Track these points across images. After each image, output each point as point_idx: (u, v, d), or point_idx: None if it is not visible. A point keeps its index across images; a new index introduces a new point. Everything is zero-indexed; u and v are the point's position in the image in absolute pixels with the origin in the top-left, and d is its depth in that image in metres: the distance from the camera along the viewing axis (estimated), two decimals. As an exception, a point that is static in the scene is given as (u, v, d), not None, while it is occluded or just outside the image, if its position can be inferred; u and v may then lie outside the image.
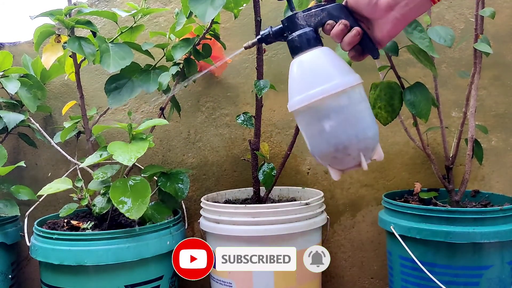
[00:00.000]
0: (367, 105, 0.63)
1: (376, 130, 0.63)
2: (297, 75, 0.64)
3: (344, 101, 0.60)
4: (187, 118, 1.33)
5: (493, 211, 0.90)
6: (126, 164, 0.86)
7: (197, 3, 0.88)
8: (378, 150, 0.64)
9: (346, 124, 0.61)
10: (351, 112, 0.61)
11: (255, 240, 0.95)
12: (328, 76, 0.61)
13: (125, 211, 0.90)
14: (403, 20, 0.60)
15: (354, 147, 0.61)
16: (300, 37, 0.63)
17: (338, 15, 0.63)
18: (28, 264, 1.41)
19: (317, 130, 0.62)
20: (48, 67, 1.05)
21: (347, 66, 0.63)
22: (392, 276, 1.05)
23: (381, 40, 0.63)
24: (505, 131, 1.20)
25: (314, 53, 0.63)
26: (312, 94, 0.61)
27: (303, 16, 0.64)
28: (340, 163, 0.63)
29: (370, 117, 0.63)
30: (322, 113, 0.61)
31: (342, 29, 0.62)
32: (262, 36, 0.68)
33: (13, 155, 1.39)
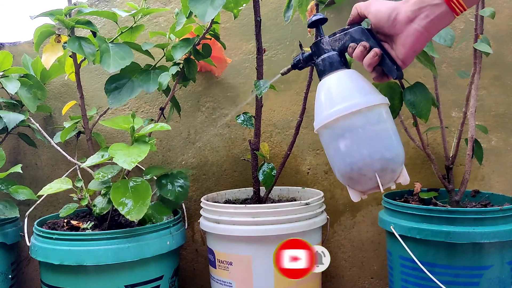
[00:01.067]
0: (389, 125, 0.62)
1: (398, 152, 0.62)
2: (319, 97, 0.66)
3: (360, 121, 0.61)
4: (187, 118, 1.33)
5: (493, 211, 0.90)
6: (126, 168, 0.86)
7: (197, 3, 0.88)
8: (403, 173, 0.64)
9: (360, 144, 0.61)
10: (367, 132, 0.61)
11: (255, 240, 0.95)
12: (345, 97, 0.62)
13: (126, 213, 0.90)
14: (425, 32, 0.59)
15: (369, 167, 0.61)
16: (324, 60, 0.66)
17: (359, 38, 0.64)
18: (28, 264, 1.41)
19: (333, 149, 0.63)
20: (48, 67, 1.05)
21: (371, 87, 0.64)
22: (392, 276, 1.05)
23: (405, 56, 0.62)
24: (505, 131, 1.20)
25: (336, 75, 0.65)
26: (328, 115, 0.62)
27: (328, 41, 0.67)
28: (358, 183, 0.63)
29: (390, 138, 0.62)
30: (337, 132, 0.62)
31: (361, 50, 0.63)
32: (294, 62, 0.73)
33: (13, 155, 1.39)
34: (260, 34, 1.05)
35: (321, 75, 0.67)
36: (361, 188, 0.64)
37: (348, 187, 0.66)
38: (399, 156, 0.62)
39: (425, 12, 0.58)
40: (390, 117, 0.64)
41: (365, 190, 0.64)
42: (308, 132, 1.28)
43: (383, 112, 0.63)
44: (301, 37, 1.25)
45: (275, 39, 1.28)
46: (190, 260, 1.35)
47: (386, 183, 0.62)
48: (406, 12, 0.59)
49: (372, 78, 0.66)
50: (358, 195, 0.65)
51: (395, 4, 0.61)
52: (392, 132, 0.63)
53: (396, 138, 0.63)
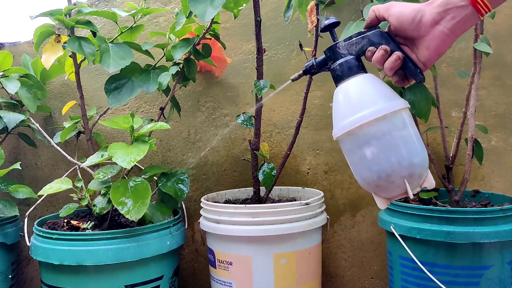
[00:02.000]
0: (413, 130, 0.61)
1: (424, 157, 0.61)
2: (338, 103, 0.64)
3: (386, 127, 0.59)
4: (187, 118, 1.33)
5: (493, 211, 0.90)
6: (124, 167, 0.86)
7: (197, 3, 0.88)
8: (429, 177, 0.62)
9: (388, 150, 0.59)
10: (394, 138, 0.59)
11: (255, 240, 0.95)
12: (368, 102, 0.60)
13: (125, 213, 0.90)
14: (450, 34, 0.58)
15: (398, 174, 0.59)
16: (341, 65, 0.64)
17: (379, 41, 0.62)
18: (28, 264, 1.41)
19: (358, 157, 0.61)
20: (48, 67, 1.05)
21: (391, 91, 0.62)
22: (392, 276, 1.05)
23: (428, 59, 0.61)
24: (505, 131, 1.20)
25: (355, 80, 0.63)
26: (351, 121, 0.60)
27: (345, 45, 0.64)
28: (385, 191, 0.62)
29: (416, 143, 0.60)
30: (362, 139, 0.60)
31: (382, 54, 0.61)
32: (307, 67, 0.69)
33: (13, 155, 1.39)
34: (260, 34, 1.05)
35: (338, 80, 0.64)
36: (387, 195, 0.63)
37: (374, 194, 0.64)
38: (425, 160, 0.61)
39: (451, 14, 0.57)
40: (413, 121, 0.62)
41: (392, 196, 0.63)
42: (308, 132, 1.28)
43: (407, 116, 0.61)
44: (301, 37, 1.25)
45: (275, 39, 1.28)
46: (190, 260, 1.35)
47: (413, 188, 0.61)
48: (431, 14, 0.58)
49: (393, 82, 0.64)
50: (385, 202, 0.64)
51: (419, 6, 0.59)
52: (416, 137, 0.61)
53: (420, 142, 0.61)
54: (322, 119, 1.27)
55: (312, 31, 1.00)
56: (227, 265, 0.98)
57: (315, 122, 1.28)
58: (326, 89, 1.26)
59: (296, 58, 1.27)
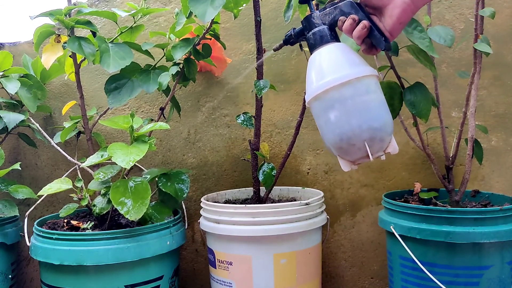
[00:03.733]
0: (377, 96, 0.64)
1: (385, 121, 0.63)
2: (309, 70, 0.67)
3: (348, 92, 0.62)
4: (187, 118, 1.33)
5: (493, 211, 0.90)
6: (124, 166, 0.86)
7: (197, 3, 0.88)
8: (392, 143, 0.65)
9: (349, 114, 0.62)
10: (356, 103, 0.62)
11: (255, 240, 0.95)
12: (335, 69, 0.64)
13: (125, 213, 0.90)
14: (411, 4, 0.61)
15: (358, 137, 0.62)
16: (315, 34, 0.68)
17: (349, 11, 0.66)
18: (28, 264, 1.41)
19: (323, 121, 0.65)
20: (48, 67, 1.05)
21: (360, 59, 0.65)
22: (392, 276, 1.05)
23: (392, 28, 0.64)
24: (505, 131, 1.20)
25: (326, 48, 0.66)
26: (318, 86, 0.64)
27: (319, 15, 0.68)
28: (347, 153, 0.65)
29: (379, 108, 0.63)
30: (327, 104, 0.64)
31: (350, 23, 0.64)
32: (286, 37, 0.74)
33: (13, 155, 1.39)
34: (260, 34, 1.05)
35: (312, 48, 0.68)
36: (351, 158, 0.65)
37: (338, 157, 0.67)
38: (387, 125, 0.63)
39: None
40: (379, 89, 0.65)
41: (354, 159, 0.65)
42: (308, 132, 1.28)
43: (372, 83, 0.64)
44: (301, 37, 1.25)
45: (275, 39, 1.28)
46: (190, 260, 1.35)
47: (375, 152, 0.63)
48: None
49: (361, 50, 0.67)
50: (348, 165, 0.66)
51: None
52: (380, 103, 0.64)
53: (384, 108, 0.64)
54: (322, 119, 1.27)
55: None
56: (227, 265, 0.98)
57: (315, 122, 1.27)
58: (326, 89, 1.26)
59: (296, 58, 1.27)
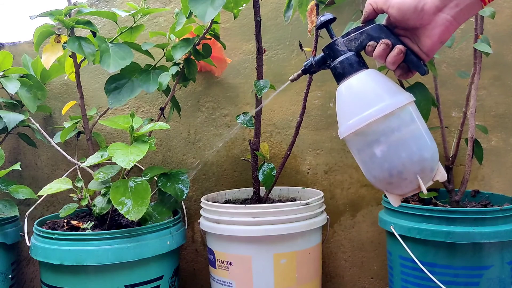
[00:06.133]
0: (421, 123, 0.60)
1: (434, 150, 0.60)
2: (342, 101, 0.62)
3: (394, 123, 0.58)
4: (187, 118, 1.33)
5: (493, 211, 0.90)
6: (124, 167, 0.86)
7: (197, 3, 0.88)
8: (440, 170, 0.61)
9: (398, 147, 0.58)
10: (403, 134, 0.58)
11: (255, 240, 0.95)
12: (373, 99, 0.59)
13: (125, 213, 0.90)
14: (454, 22, 0.57)
15: (410, 170, 0.58)
16: (342, 63, 0.62)
17: (378, 35, 0.61)
18: (28, 264, 1.41)
19: (368, 156, 0.60)
20: (48, 67, 1.05)
21: (395, 86, 0.61)
22: (392, 276, 1.05)
23: (431, 48, 0.60)
24: (505, 131, 1.20)
25: (358, 77, 0.62)
26: (358, 120, 0.59)
27: (343, 42, 0.63)
28: (397, 187, 0.61)
29: (425, 136, 0.60)
30: (371, 138, 0.59)
31: (384, 49, 0.60)
32: (306, 67, 0.68)
33: (13, 155, 1.39)
34: (260, 34, 1.05)
35: (340, 78, 0.63)
36: (400, 192, 0.62)
37: (386, 192, 0.63)
38: (436, 153, 0.60)
39: (454, 1, 0.56)
40: (419, 114, 0.61)
41: (405, 193, 0.62)
42: (308, 132, 1.28)
43: (413, 110, 0.60)
44: (301, 37, 1.25)
45: (275, 39, 1.28)
46: (190, 260, 1.35)
47: (426, 182, 0.60)
48: (433, 1, 0.57)
49: (396, 76, 0.63)
50: (398, 199, 0.63)
51: None
52: (425, 130, 0.60)
53: (429, 135, 0.60)
54: (322, 119, 1.27)
55: (312, 31, 1.00)
56: (227, 265, 0.98)
57: (315, 122, 1.28)
58: (326, 89, 1.26)
59: (296, 59, 1.27)
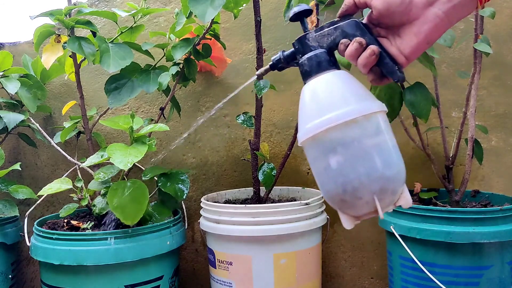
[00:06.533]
0: (389, 137, 0.52)
1: (399, 170, 0.51)
2: (304, 103, 0.55)
3: (355, 133, 0.50)
4: (187, 118, 1.33)
5: (493, 211, 0.90)
6: (122, 168, 0.86)
7: (197, 3, 0.88)
8: (405, 194, 0.53)
9: (356, 160, 0.50)
10: (364, 146, 0.50)
11: (255, 240, 0.95)
12: (336, 103, 0.52)
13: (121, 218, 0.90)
14: (445, 19, 0.50)
15: (366, 189, 0.50)
16: (310, 60, 0.56)
17: (353, 33, 0.54)
18: (28, 264, 1.41)
19: (322, 166, 0.53)
20: (48, 67, 1.05)
21: (366, 92, 0.54)
22: (392, 276, 1.05)
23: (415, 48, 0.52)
24: (505, 131, 1.20)
25: (325, 77, 0.55)
26: (316, 125, 0.52)
27: (315, 37, 0.57)
28: (351, 207, 0.53)
29: (391, 153, 0.51)
30: (328, 146, 0.51)
31: (356, 48, 0.53)
32: (273, 61, 0.61)
33: (13, 155, 1.39)
34: (260, 34, 1.05)
35: (306, 77, 0.56)
36: (355, 213, 0.53)
37: (339, 211, 0.55)
38: (401, 173, 0.52)
39: None
40: (389, 127, 0.54)
41: (360, 215, 0.54)
42: (308, 132, 1.28)
43: (382, 121, 0.52)
44: (301, 37, 1.25)
45: (275, 39, 1.28)
46: (190, 260, 1.35)
47: (385, 206, 0.52)
48: None
49: (368, 80, 0.56)
50: (351, 221, 0.55)
51: None
52: (392, 145, 0.52)
53: (396, 152, 0.52)
54: (322, 119, 1.27)
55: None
56: (227, 265, 0.98)
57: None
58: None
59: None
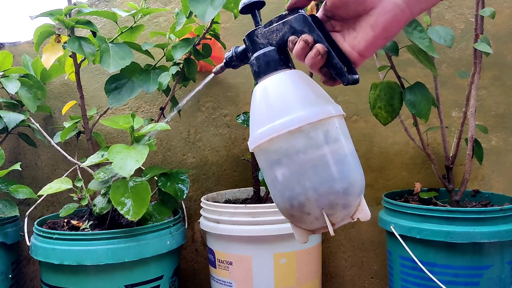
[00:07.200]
0: (340, 146, 0.46)
1: (351, 182, 0.46)
2: (252, 107, 0.50)
3: (300, 143, 0.45)
4: (187, 118, 1.33)
5: (493, 211, 0.90)
6: (124, 175, 0.85)
7: (197, 3, 0.88)
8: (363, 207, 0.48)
9: (302, 173, 0.45)
10: (311, 158, 0.45)
11: (255, 240, 0.95)
12: (282, 110, 0.46)
13: (125, 213, 0.90)
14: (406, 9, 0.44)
15: (313, 204, 0.45)
16: (258, 59, 0.50)
17: (301, 29, 0.48)
18: (28, 264, 1.41)
19: (270, 178, 0.48)
20: (48, 67, 1.05)
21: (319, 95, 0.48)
22: (392, 276, 1.05)
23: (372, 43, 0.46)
24: (505, 131, 1.20)
25: (274, 79, 0.49)
26: (260, 134, 0.47)
27: (264, 33, 0.51)
28: (301, 222, 0.48)
29: (342, 163, 0.46)
30: (273, 157, 0.46)
31: (302, 47, 0.47)
32: (226, 59, 0.56)
33: (13, 155, 1.39)
34: (260, 34, 1.05)
35: (256, 77, 0.51)
36: (306, 227, 0.49)
37: (291, 224, 0.50)
38: (354, 186, 0.46)
39: None
40: (344, 133, 0.48)
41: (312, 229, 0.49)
42: (308, 132, 1.28)
43: (333, 128, 0.46)
44: (301, 37, 1.25)
45: (275, 39, 1.28)
46: (190, 260, 1.35)
47: (339, 221, 0.47)
48: None
49: (322, 81, 0.50)
50: (304, 235, 0.49)
51: None
52: (345, 155, 0.46)
53: (350, 162, 0.46)
54: (322, 119, 1.27)
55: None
56: (227, 265, 0.98)
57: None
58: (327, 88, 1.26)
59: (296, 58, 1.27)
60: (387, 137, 1.24)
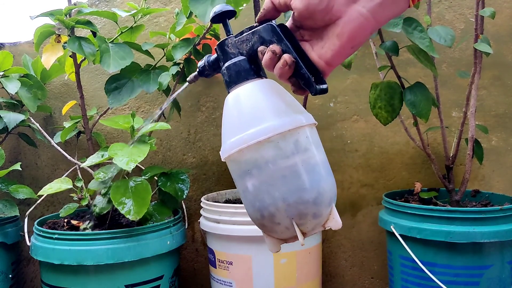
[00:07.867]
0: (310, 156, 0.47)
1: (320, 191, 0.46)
2: (224, 118, 0.50)
3: (269, 153, 0.45)
4: (187, 118, 1.33)
5: (493, 211, 0.90)
6: (125, 169, 0.86)
7: (197, 3, 0.88)
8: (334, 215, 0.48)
9: (271, 183, 0.46)
10: (279, 168, 0.45)
11: (255, 240, 0.95)
12: (252, 120, 0.47)
13: (126, 212, 0.90)
14: (370, 18, 0.44)
15: (282, 214, 0.46)
16: (229, 69, 0.50)
17: (270, 39, 0.48)
18: (28, 264, 1.41)
19: (242, 188, 0.49)
20: (48, 67, 1.05)
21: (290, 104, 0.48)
22: (392, 276, 1.05)
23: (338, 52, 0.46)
24: (505, 131, 1.20)
25: (244, 89, 0.49)
26: (231, 144, 0.47)
27: (235, 42, 0.51)
28: (273, 232, 0.49)
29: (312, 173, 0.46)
30: (243, 168, 0.47)
31: (271, 57, 0.47)
32: (199, 68, 0.56)
33: (13, 155, 1.39)
34: (260, 34, 1.05)
35: (227, 87, 0.51)
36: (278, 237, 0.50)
37: (263, 234, 0.51)
38: (324, 195, 0.47)
39: None
40: (315, 142, 0.48)
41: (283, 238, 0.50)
42: (308, 132, 1.28)
43: (303, 137, 0.47)
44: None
45: (275, 39, 1.28)
46: (190, 260, 1.35)
47: (310, 230, 0.48)
48: None
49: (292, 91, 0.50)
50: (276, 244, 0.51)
51: None
52: (315, 165, 0.47)
53: (320, 172, 0.47)
54: (322, 119, 1.27)
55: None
56: (227, 265, 0.98)
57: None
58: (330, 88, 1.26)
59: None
60: (387, 137, 1.24)
